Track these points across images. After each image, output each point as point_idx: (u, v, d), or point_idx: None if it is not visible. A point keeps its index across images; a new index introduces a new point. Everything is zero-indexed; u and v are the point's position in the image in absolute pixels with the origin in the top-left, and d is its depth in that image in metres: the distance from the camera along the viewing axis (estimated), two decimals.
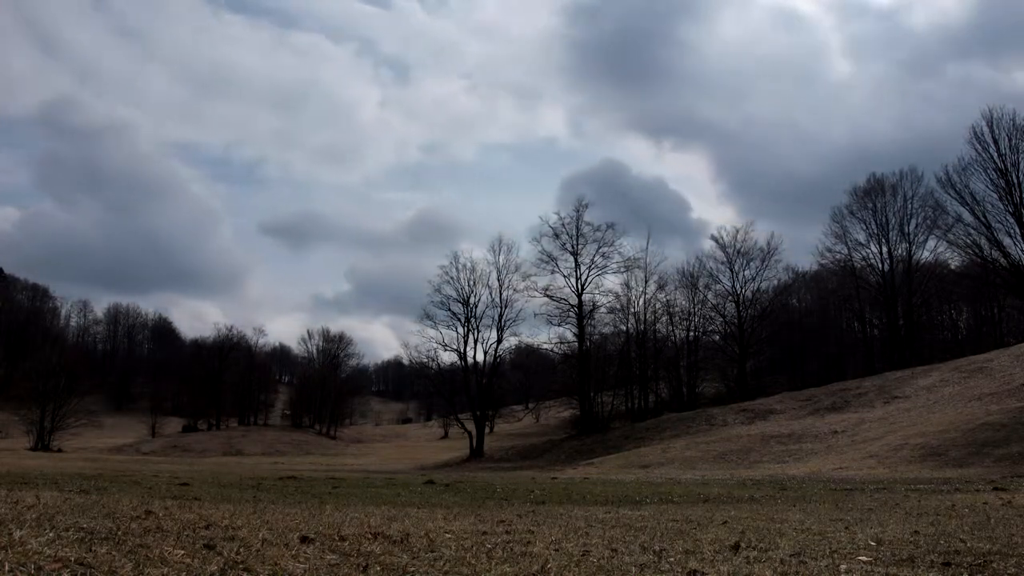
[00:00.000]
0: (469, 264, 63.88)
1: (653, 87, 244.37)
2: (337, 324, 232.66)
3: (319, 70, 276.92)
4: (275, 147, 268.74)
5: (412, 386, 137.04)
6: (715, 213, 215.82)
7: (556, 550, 5.42)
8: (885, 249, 63.62)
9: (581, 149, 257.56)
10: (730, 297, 68.03)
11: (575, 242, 61.76)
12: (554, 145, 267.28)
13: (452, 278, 63.26)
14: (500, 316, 62.52)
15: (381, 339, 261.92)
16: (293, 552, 4.73)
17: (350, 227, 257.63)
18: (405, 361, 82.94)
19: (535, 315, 63.89)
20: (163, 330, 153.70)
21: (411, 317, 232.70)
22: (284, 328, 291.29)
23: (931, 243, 60.35)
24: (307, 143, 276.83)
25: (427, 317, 63.31)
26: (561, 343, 65.27)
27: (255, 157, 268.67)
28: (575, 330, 61.89)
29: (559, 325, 63.20)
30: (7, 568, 3.59)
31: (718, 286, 69.01)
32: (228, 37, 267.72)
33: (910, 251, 62.48)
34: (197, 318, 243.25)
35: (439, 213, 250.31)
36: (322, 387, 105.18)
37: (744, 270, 67.40)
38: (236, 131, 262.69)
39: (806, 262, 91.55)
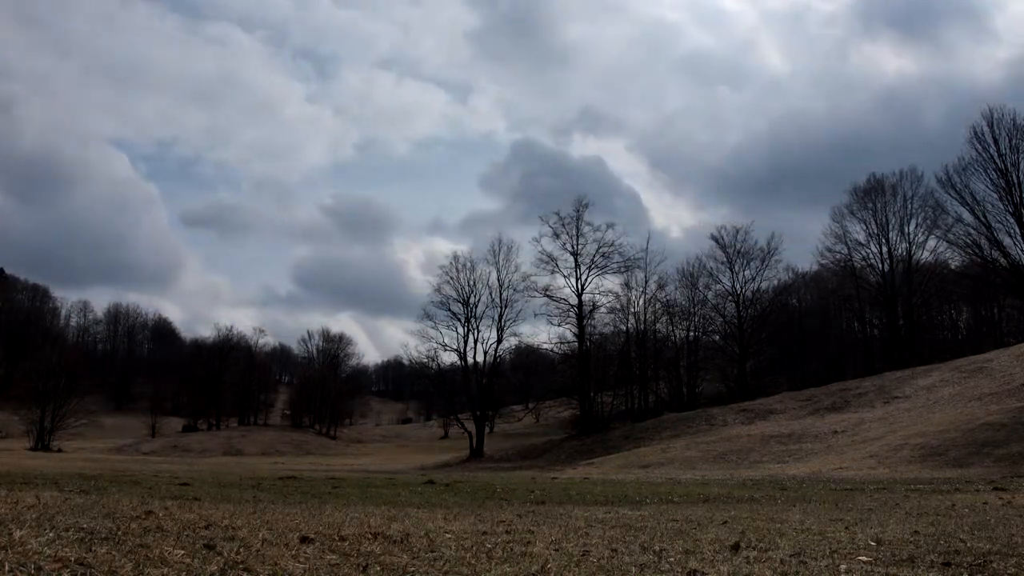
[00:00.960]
0: (469, 264, 63.97)
1: (564, 71, 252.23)
2: (289, 319, 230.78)
3: (237, 62, 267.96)
4: (205, 141, 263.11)
5: (412, 386, 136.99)
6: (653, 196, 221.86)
7: (556, 550, 5.42)
8: (885, 249, 63.69)
9: (508, 136, 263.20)
10: (730, 297, 68.10)
11: (575, 242, 61.80)
12: (485, 135, 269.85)
13: (452, 278, 63.35)
14: (500, 316, 62.59)
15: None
16: (293, 552, 4.73)
17: (283, 221, 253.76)
18: (405, 361, 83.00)
19: (535, 315, 64.01)
20: (163, 330, 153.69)
21: (365, 312, 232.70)
22: (237, 320, 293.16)
23: (931, 243, 60.46)
24: (234, 136, 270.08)
25: (427, 317, 63.40)
26: (561, 343, 65.35)
27: (188, 154, 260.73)
28: (575, 330, 61.91)
29: (559, 325, 63.29)
30: (7, 568, 3.58)
31: (718, 286, 69.17)
32: (137, 27, 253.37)
33: (910, 251, 62.53)
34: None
35: (371, 205, 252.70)
36: (322, 387, 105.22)
37: (744, 270, 67.54)
38: (163, 126, 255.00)
39: (804, 261, 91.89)
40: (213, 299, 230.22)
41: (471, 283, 63.26)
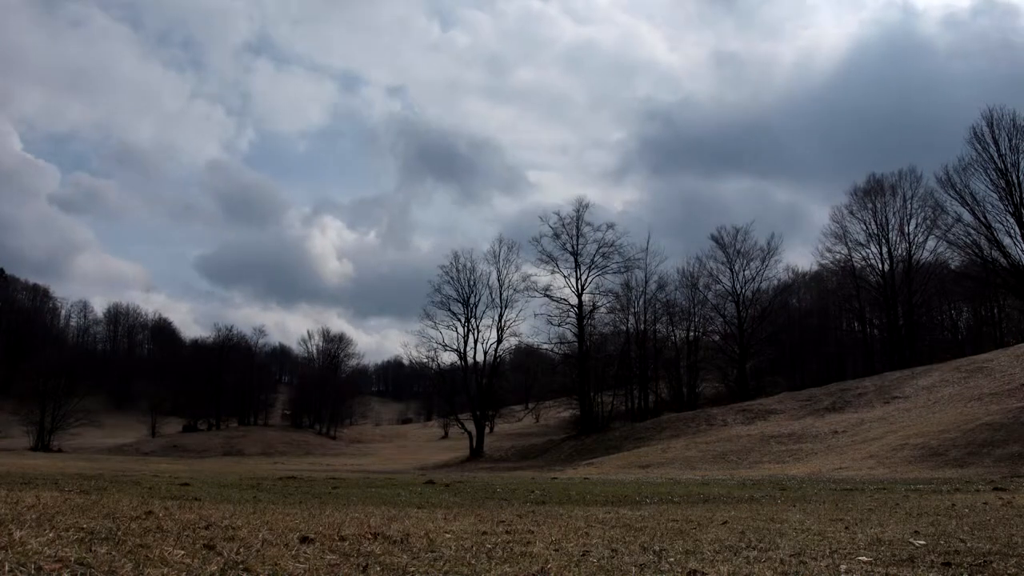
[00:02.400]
0: (469, 264, 63.99)
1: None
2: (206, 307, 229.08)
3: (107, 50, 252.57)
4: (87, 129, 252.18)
5: (412, 386, 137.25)
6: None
7: (556, 550, 5.42)
8: (885, 249, 63.68)
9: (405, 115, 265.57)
10: (730, 297, 68.09)
11: (575, 242, 61.85)
12: (384, 117, 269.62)
13: (452, 278, 63.39)
14: (500, 316, 62.64)
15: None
16: (293, 552, 4.73)
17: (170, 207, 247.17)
18: (405, 361, 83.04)
19: (535, 315, 64.04)
20: (163, 330, 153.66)
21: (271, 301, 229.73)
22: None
23: (931, 243, 60.44)
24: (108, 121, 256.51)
25: (427, 317, 63.44)
26: (561, 343, 65.36)
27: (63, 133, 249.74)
28: (575, 330, 61.93)
29: (559, 325, 63.31)
30: (7, 568, 3.59)
31: (718, 286, 69.12)
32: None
33: (910, 251, 62.51)
34: None
35: (261, 189, 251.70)
36: (322, 387, 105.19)
37: (744, 270, 67.51)
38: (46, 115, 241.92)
39: (805, 262, 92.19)
40: (111, 285, 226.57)
41: (471, 283, 63.36)
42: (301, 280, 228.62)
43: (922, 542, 6.31)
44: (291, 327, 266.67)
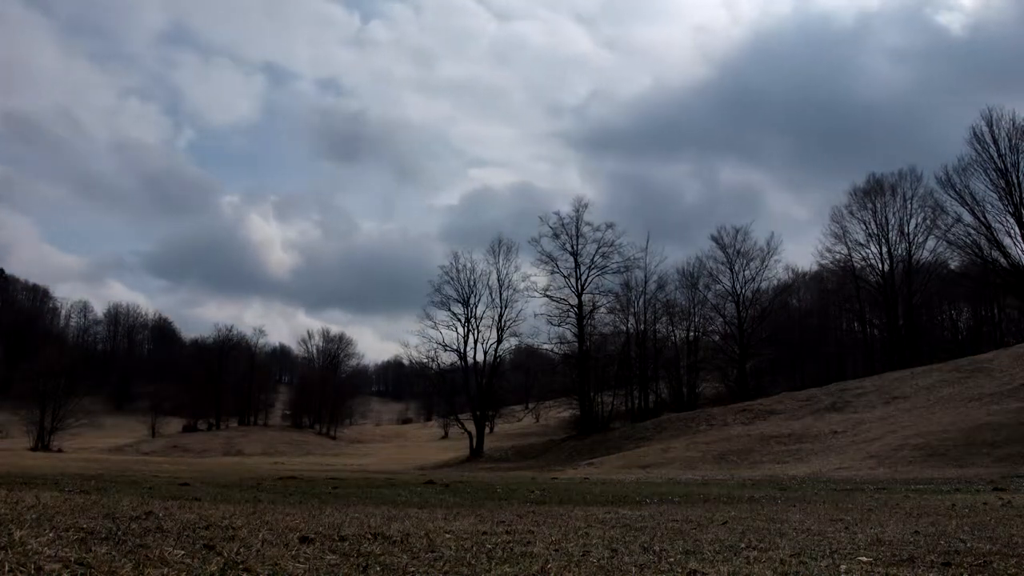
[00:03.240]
0: (469, 264, 63.94)
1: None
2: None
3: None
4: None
5: (412, 386, 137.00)
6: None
7: (556, 550, 5.42)
8: (885, 249, 63.72)
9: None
10: (730, 297, 68.10)
11: (575, 242, 61.84)
12: (312, 110, 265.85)
13: (452, 278, 63.34)
14: (500, 316, 62.59)
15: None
16: (293, 552, 4.73)
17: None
18: (405, 361, 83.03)
19: (535, 315, 63.98)
20: (163, 330, 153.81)
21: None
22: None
23: (931, 243, 60.49)
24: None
25: (427, 317, 63.40)
26: (561, 343, 65.33)
27: None
28: (575, 330, 61.92)
29: (559, 325, 63.29)
30: (7, 568, 3.59)
31: (718, 286, 69.13)
32: None
33: (910, 251, 62.53)
34: None
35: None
36: (322, 387, 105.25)
37: (744, 270, 67.51)
38: None
39: (804, 261, 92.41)
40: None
41: (471, 283, 63.32)
42: (245, 272, 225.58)
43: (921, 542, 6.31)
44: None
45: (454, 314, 63.26)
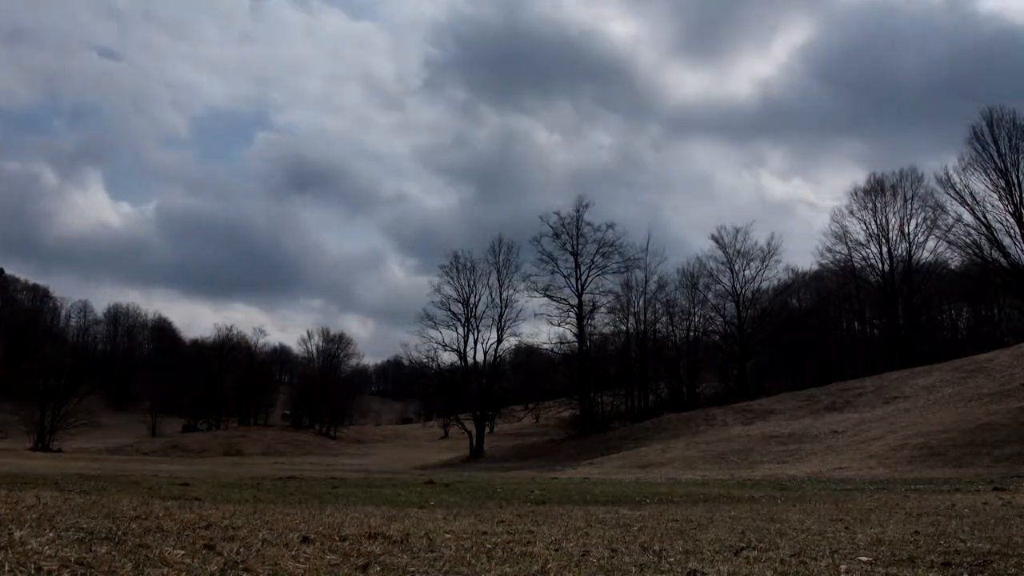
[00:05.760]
0: (469, 264, 63.97)
1: None
2: None
3: None
4: None
5: (412, 386, 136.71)
6: None
7: (556, 550, 5.42)
8: (885, 249, 63.73)
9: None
10: (730, 297, 68.12)
11: (575, 242, 61.90)
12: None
13: (452, 278, 63.37)
14: (500, 316, 62.64)
15: None
16: (293, 552, 4.73)
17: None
18: (405, 361, 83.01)
19: (535, 315, 64.00)
20: (163, 330, 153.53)
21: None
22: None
23: (931, 243, 60.49)
24: None
25: (427, 317, 63.43)
26: (561, 343, 65.40)
27: None
28: (575, 330, 61.98)
29: (559, 325, 63.37)
30: (7, 568, 3.59)
31: (718, 286, 69.17)
32: None
33: (910, 251, 62.56)
34: None
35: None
36: (322, 387, 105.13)
37: (744, 270, 67.53)
38: None
39: (804, 261, 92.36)
40: None
41: (471, 283, 63.36)
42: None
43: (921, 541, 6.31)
44: None
45: (454, 314, 63.38)
